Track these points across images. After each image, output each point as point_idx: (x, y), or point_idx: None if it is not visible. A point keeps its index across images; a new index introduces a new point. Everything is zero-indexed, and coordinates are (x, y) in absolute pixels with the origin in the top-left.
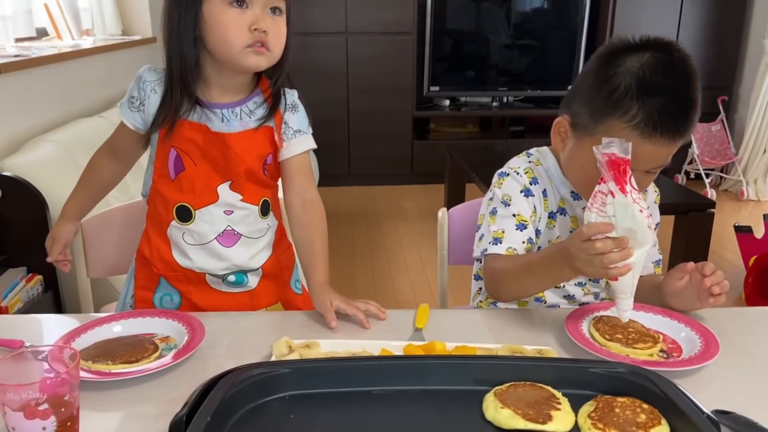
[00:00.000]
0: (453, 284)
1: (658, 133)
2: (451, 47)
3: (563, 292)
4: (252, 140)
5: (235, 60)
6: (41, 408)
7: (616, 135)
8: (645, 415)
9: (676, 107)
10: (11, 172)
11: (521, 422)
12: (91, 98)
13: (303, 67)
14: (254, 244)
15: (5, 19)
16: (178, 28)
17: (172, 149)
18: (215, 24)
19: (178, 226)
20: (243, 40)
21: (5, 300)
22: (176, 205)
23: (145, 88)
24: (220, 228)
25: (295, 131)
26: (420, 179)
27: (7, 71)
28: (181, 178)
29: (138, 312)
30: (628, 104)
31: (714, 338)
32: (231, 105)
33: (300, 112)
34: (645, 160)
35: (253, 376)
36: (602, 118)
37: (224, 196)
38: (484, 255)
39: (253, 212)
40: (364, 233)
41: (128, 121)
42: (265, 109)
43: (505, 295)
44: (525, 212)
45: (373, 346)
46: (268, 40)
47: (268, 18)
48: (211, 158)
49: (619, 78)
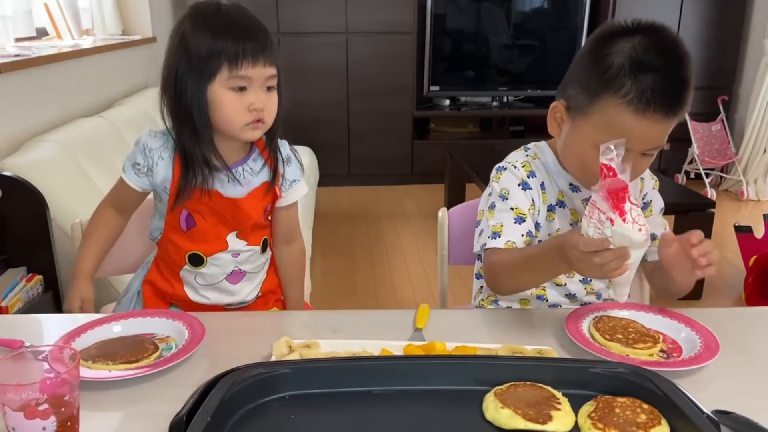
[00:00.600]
0: (453, 284)
1: (651, 108)
2: (451, 47)
3: (565, 291)
4: (258, 197)
5: (234, 135)
6: (41, 408)
7: (610, 113)
8: (645, 415)
9: (668, 84)
10: (11, 172)
11: (521, 422)
12: (91, 98)
13: (303, 67)
14: (256, 277)
15: (5, 18)
16: (190, 109)
17: (184, 210)
18: (218, 106)
19: (191, 270)
20: (243, 120)
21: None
22: (189, 253)
23: (151, 156)
24: (229, 269)
25: (291, 182)
26: (420, 179)
27: (7, 71)
28: (192, 232)
29: (138, 312)
30: (622, 81)
31: (714, 338)
32: (235, 165)
33: (293, 162)
34: (640, 139)
35: (253, 376)
36: (596, 97)
37: (233, 244)
38: (484, 249)
39: (256, 252)
40: (364, 233)
41: (136, 185)
42: (263, 165)
43: (504, 289)
44: (523, 205)
45: (373, 346)
46: (264, 116)
47: (263, 96)
48: (221, 216)
49: (612, 57)
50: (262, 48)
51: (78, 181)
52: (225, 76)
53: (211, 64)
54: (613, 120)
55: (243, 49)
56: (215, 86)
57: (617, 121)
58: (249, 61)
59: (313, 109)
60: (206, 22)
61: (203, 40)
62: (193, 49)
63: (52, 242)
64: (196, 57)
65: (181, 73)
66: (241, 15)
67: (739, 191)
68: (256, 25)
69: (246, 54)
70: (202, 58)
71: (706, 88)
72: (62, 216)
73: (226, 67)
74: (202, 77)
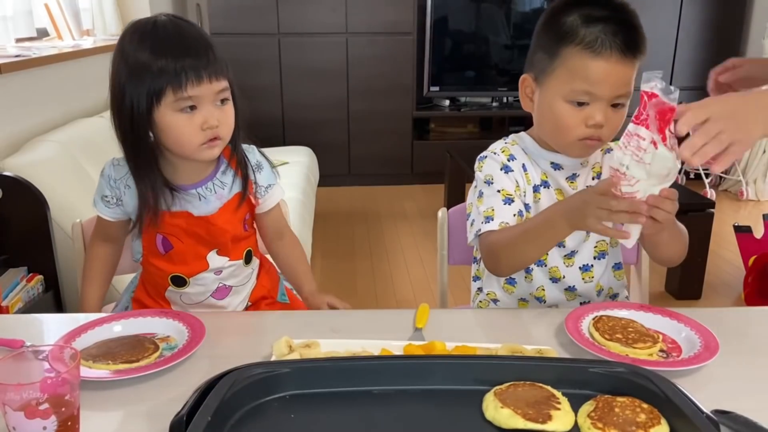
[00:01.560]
0: (453, 284)
1: (608, 48)
2: (451, 47)
3: (564, 284)
4: (231, 211)
5: (191, 156)
6: (42, 408)
7: (570, 62)
8: (645, 414)
9: (620, 28)
10: (11, 172)
11: (521, 422)
12: (91, 98)
13: (303, 67)
14: (243, 289)
15: (6, 19)
16: (132, 135)
17: (158, 234)
18: (168, 129)
19: (175, 290)
20: (197, 140)
21: (6, 300)
22: (170, 275)
23: (117, 186)
24: (213, 287)
25: (266, 188)
26: (420, 179)
27: (8, 71)
28: (171, 254)
29: (138, 312)
30: (577, 31)
31: (714, 338)
32: (203, 181)
33: (264, 167)
34: (604, 83)
35: (253, 376)
36: (556, 52)
37: (213, 262)
38: (478, 235)
39: (239, 265)
40: (364, 233)
41: (110, 217)
42: (234, 176)
43: (504, 268)
44: (509, 187)
45: (373, 346)
46: (219, 132)
47: (216, 111)
48: (197, 235)
49: (565, 17)
50: (205, 63)
51: (78, 181)
52: (170, 98)
53: (153, 87)
54: (575, 67)
55: (184, 67)
56: (162, 110)
57: (579, 67)
58: (192, 80)
59: (313, 109)
60: (143, 41)
61: (142, 62)
62: (133, 72)
63: (52, 242)
64: (138, 81)
65: (126, 97)
66: (178, 29)
67: (739, 191)
68: (196, 38)
69: (188, 73)
70: (144, 82)
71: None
72: (62, 216)
73: (169, 89)
74: (146, 101)
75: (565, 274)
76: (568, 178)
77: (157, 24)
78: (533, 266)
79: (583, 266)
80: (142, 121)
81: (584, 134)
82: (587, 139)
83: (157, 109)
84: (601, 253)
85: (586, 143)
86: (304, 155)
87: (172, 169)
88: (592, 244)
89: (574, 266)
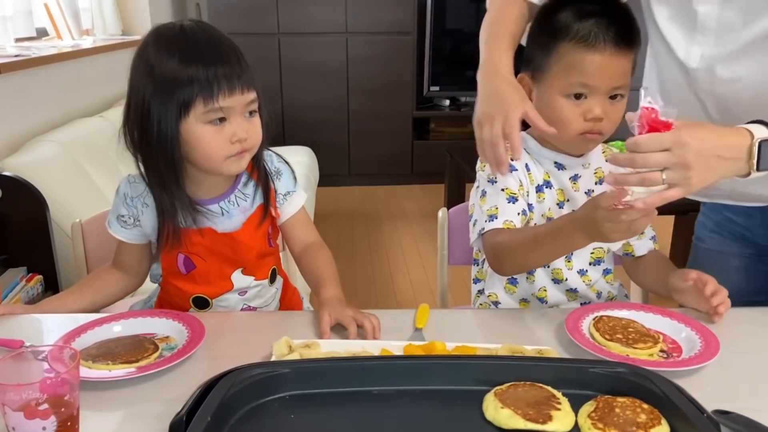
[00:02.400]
0: (453, 284)
1: (602, 40)
2: (451, 47)
3: (566, 286)
4: (255, 225)
5: (218, 170)
6: (41, 408)
7: (566, 57)
8: (645, 415)
9: (612, 21)
10: (11, 172)
11: (521, 422)
12: (91, 98)
13: (303, 67)
14: (266, 310)
15: (5, 19)
16: (157, 150)
17: (180, 254)
18: (196, 142)
19: (196, 313)
20: (225, 153)
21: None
22: (192, 297)
23: (134, 205)
24: (237, 308)
25: (284, 195)
26: (420, 179)
27: (7, 71)
28: (193, 274)
29: (138, 312)
30: (569, 26)
31: (714, 338)
32: (225, 194)
33: (284, 174)
34: (600, 75)
35: (253, 376)
36: (551, 48)
37: (238, 282)
38: (482, 234)
39: (264, 285)
40: (364, 233)
41: (126, 238)
42: (255, 187)
43: (508, 270)
44: (512, 186)
45: (373, 346)
46: (248, 144)
47: (245, 123)
48: (221, 254)
49: (558, 14)
50: (238, 73)
51: (78, 181)
52: (200, 110)
53: (182, 98)
54: (570, 61)
55: (216, 77)
56: (190, 122)
57: (574, 61)
58: (225, 91)
59: (313, 109)
60: (170, 48)
61: (170, 72)
62: (161, 85)
63: (52, 242)
64: (166, 94)
65: (148, 108)
66: (207, 35)
67: None
68: (227, 45)
69: (220, 83)
70: (172, 93)
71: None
72: (62, 216)
73: (200, 99)
74: (174, 113)
75: (568, 276)
76: (571, 178)
77: (185, 29)
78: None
79: (580, 270)
80: (169, 135)
81: (584, 128)
82: (587, 132)
83: (185, 121)
84: (597, 260)
85: (587, 137)
86: (304, 155)
87: (194, 184)
88: (588, 250)
89: (573, 269)
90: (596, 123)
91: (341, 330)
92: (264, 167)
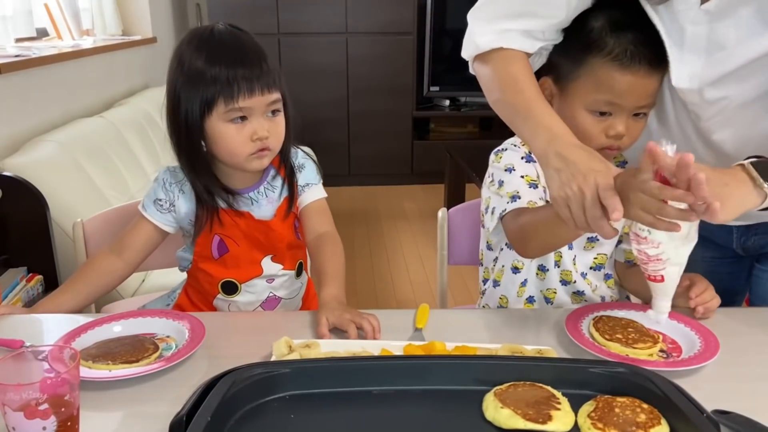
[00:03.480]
0: (453, 284)
1: (637, 61)
2: (451, 47)
3: (573, 288)
4: (282, 217)
5: (239, 166)
6: (41, 408)
7: (597, 72)
8: (645, 415)
9: (648, 39)
10: (11, 172)
11: (521, 422)
12: (91, 98)
13: (303, 67)
14: (290, 304)
15: (5, 19)
16: (187, 141)
17: (216, 236)
18: (219, 139)
19: (224, 299)
20: (247, 151)
21: (5, 300)
22: (222, 281)
23: (172, 190)
24: (263, 296)
25: (303, 186)
26: (420, 179)
27: (8, 71)
28: (225, 258)
29: (138, 312)
30: (605, 40)
31: (714, 338)
32: (255, 185)
33: (307, 168)
34: (629, 95)
35: (253, 376)
36: (583, 59)
37: (267, 269)
38: (503, 215)
39: (291, 276)
40: (364, 233)
41: (159, 222)
42: (282, 181)
43: (532, 249)
44: (532, 173)
45: (373, 346)
46: (269, 143)
47: (267, 122)
48: (254, 239)
49: (592, 22)
50: (258, 75)
51: (78, 181)
52: (221, 109)
53: (205, 96)
54: (601, 78)
55: (236, 78)
56: (213, 119)
57: (605, 78)
58: (245, 92)
59: (313, 109)
60: (200, 48)
61: (197, 69)
62: (189, 79)
63: (52, 242)
64: (192, 88)
65: (181, 104)
66: (234, 38)
67: None
68: (251, 49)
69: (240, 84)
70: (198, 89)
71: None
72: (62, 216)
73: (221, 99)
74: (198, 108)
75: (576, 278)
76: None
77: (214, 32)
78: (551, 267)
79: (583, 273)
80: (195, 129)
81: (604, 144)
82: (607, 148)
83: (209, 118)
84: (598, 265)
85: (605, 152)
86: None
87: (226, 175)
88: (592, 255)
89: (578, 272)
90: (617, 140)
91: (341, 331)
92: (290, 163)
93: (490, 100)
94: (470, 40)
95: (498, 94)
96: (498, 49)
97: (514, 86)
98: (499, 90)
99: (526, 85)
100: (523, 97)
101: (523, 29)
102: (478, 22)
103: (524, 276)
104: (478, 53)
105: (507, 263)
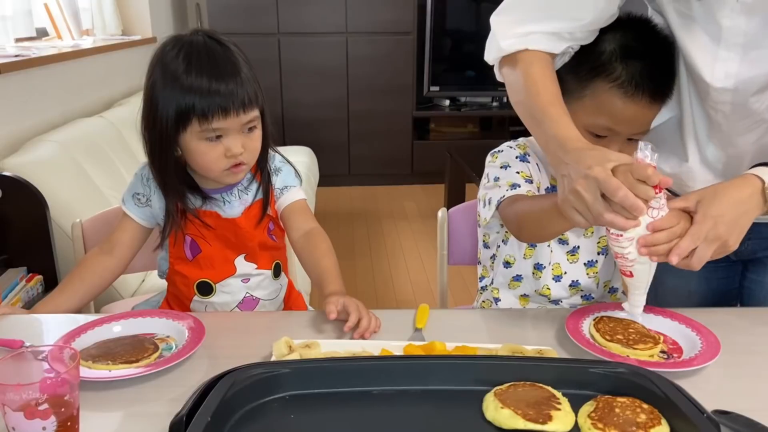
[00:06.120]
0: (453, 284)
1: (641, 92)
2: (451, 47)
3: (567, 281)
4: (254, 215)
5: (215, 179)
6: (41, 408)
7: (601, 97)
8: (645, 415)
9: (656, 69)
10: (11, 172)
11: (521, 422)
12: (91, 98)
13: (303, 67)
14: (270, 305)
15: (5, 19)
16: (159, 149)
17: (187, 236)
18: (192, 155)
19: (200, 300)
20: (221, 167)
21: (5, 300)
22: (197, 282)
23: (149, 185)
24: (240, 296)
25: (281, 189)
26: (420, 179)
27: (7, 71)
28: (198, 259)
29: (138, 312)
30: (613, 66)
31: (714, 338)
32: (229, 187)
33: (284, 171)
34: (628, 123)
35: (253, 376)
36: (589, 81)
37: (241, 268)
38: (501, 201)
39: (268, 276)
40: (364, 233)
41: (136, 216)
42: (258, 186)
43: (526, 236)
44: (527, 171)
45: (373, 346)
46: (244, 158)
47: (241, 138)
48: (225, 239)
49: (604, 44)
50: (233, 98)
51: (78, 181)
52: (196, 128)
53: (180, 105)
54: (603, 103)
55: (210, 102)
56: (187, 136)
57: (607, 104)
58: (219, 114)
59: (313, 109)
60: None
61: (174, 74)
62: (166, 82)
63: (52, 242)
64: (169, 92)
65: (158, 108)
66: (209, 52)
67: None
68: (228, 65)
69: (214, 108)
70: (173, 96)
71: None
72: (62, 216)
73: (195, 120)
74: (174, 123)
75: (567, 270)
76: None
77: (193, 42)
78: (545, 264)
79: (588, 262)
80: (169, 140)
81: None
82: None
83: (183, 134)
84: (604, 248)
85: None
86: (304, 155)
87: (199, 177)
88: (595, 239)
89: (579, 262)
90: None
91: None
92: (267, 169)
93: (512, 102)
94: (494, 43)
95: (517, 96)
96: (523, 50)
97: (532, 89)
98: (518, 92)
99: (543, 87)
100: (539, 101)
101: (548, 31)
102: (501, 25)
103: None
104: (503, 56)
105: (500, 258)
